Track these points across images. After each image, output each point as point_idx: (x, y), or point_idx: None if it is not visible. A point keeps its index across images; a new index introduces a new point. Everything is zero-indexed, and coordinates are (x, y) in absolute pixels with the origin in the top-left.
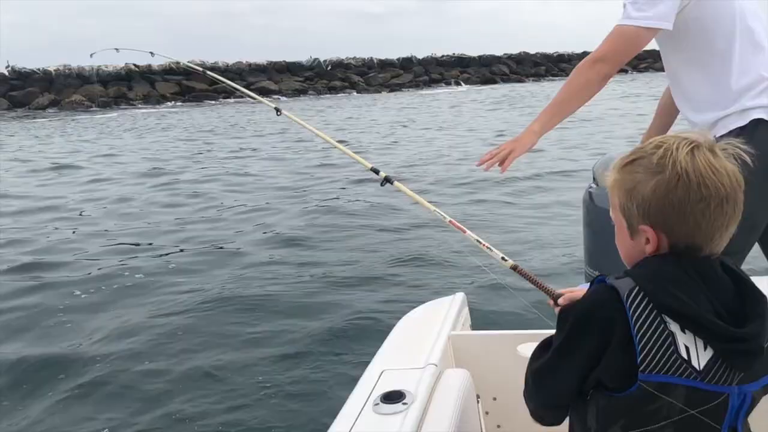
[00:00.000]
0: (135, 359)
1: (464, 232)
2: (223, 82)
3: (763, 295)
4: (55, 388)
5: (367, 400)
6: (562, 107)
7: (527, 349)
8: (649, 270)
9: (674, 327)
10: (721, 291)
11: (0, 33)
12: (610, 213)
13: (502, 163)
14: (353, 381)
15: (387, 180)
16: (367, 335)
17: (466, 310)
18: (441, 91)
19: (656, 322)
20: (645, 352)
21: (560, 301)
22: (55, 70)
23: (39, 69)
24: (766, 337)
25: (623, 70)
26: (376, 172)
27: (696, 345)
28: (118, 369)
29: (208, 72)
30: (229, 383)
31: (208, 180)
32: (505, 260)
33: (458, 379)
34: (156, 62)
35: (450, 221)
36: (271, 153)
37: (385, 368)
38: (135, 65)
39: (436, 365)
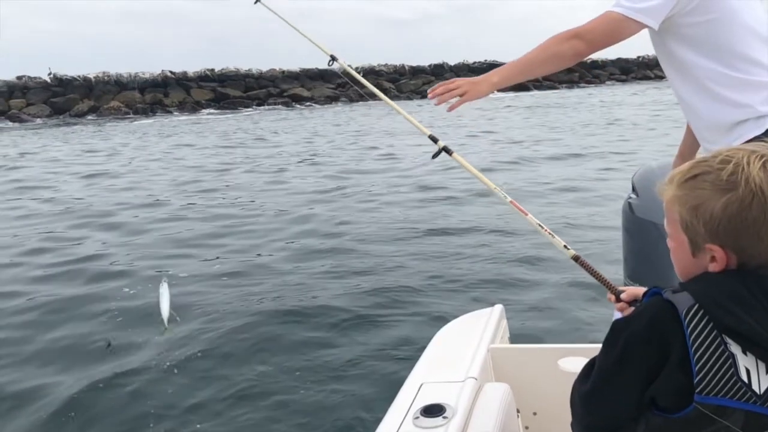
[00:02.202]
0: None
1: (525, 214)
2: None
3: None
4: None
5: (407, 414)
6: (526, 69)
7: (568, 364)
8: (710, 287)
9: (735, 348)
10: None
11: (41, 40)
12: (666, 226)
13: (450, 99)
14: (392, 393)
15: (446, 150)
16: (404, 346)
17: (504, 322)
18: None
19: (716, 342)
20: (703, 373)
21: (623, 296)
22: (94, 77)
23: (79, 76)
24: None
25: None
26: (434, 140)
27: (758, 368)
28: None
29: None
30: (267, 394)
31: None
32: (567, 249)
33: (498, 393)
34: (192, 69)
35: (511, 201)
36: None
37: (425, 381)
38: (171, 72)
39: (475, 379)
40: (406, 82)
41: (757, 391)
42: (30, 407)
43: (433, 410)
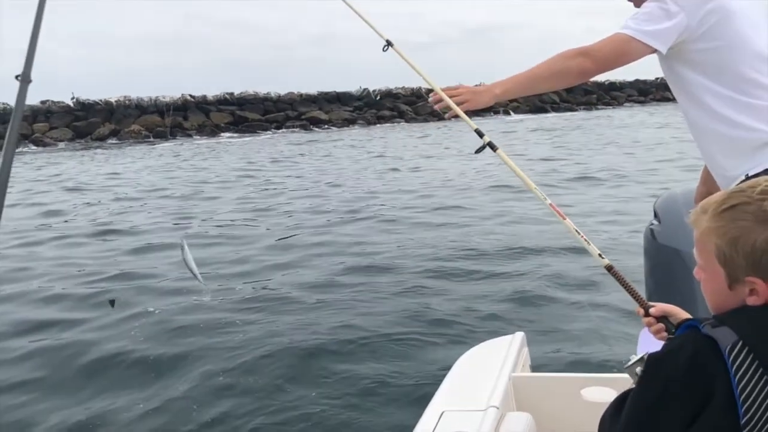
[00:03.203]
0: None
1: (563, 218)
2: None
3: None
4: None
5: None
6: (530, 84)
7: (591, 393)
8: (753, 322)
9: None
10: None
11: (64, 65)
12: (696, 256)
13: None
14: (411, 420)
15: (491, 146)
16: (423, 372)
17: (525, 350)
18: (489, 120)
19: (762, 381)
20: (750, 414)
21: (652, 311)
22: (116, 101)
23: (101, 100)
24: None
25: None
26: (480, 134)
27: None
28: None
29: None
30: (285, 415)
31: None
32: (602, 257)
33: (521, 423)
34: (211, 93)
35: (550, 204)
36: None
37: (446, 409)
38: (191, 95)
39: (497, 408)
40: (423, 105)
41: None
42: None
43: None
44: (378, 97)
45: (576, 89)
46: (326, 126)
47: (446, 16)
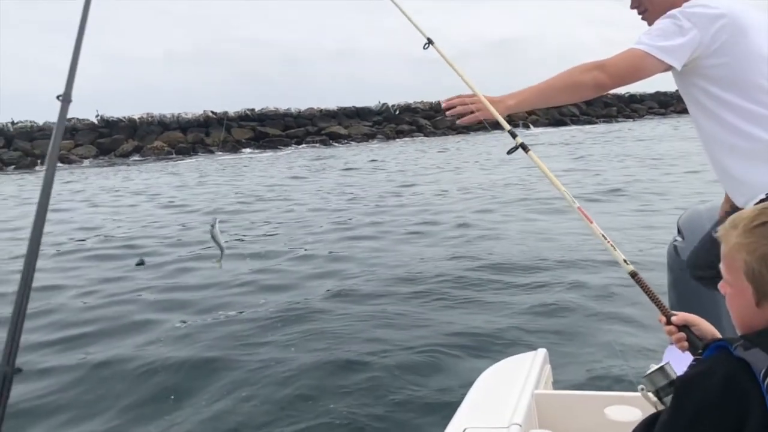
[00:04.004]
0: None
1: (590, 222)
2: None
3: None
4: None
5: None
6: (544, 96)
7: (615, 412)
8: None
9: None
10: None
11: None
12: (723, 271)
13: (463, 113)
14: None
15: (522, 147)
16: (445, 388)
17: (548, 367)
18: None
19: None
20: None
21: (674, 319)
22: (139, 118)
23: (125, 117)
24: None
25: None
26: (513, 135)
27: None
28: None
29: None
30: (308, 429)
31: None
32: (627, 263)
33: None
34: (232, 109)
35: (578, 207)
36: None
37: (468, 426)
38: (212, 112)
39: (520, 425)
40: (442, 119)
41: None
42: None
43: None
44: (397, 112)
45: (596, 102)
46: (345, 141)
47: (468, 30)
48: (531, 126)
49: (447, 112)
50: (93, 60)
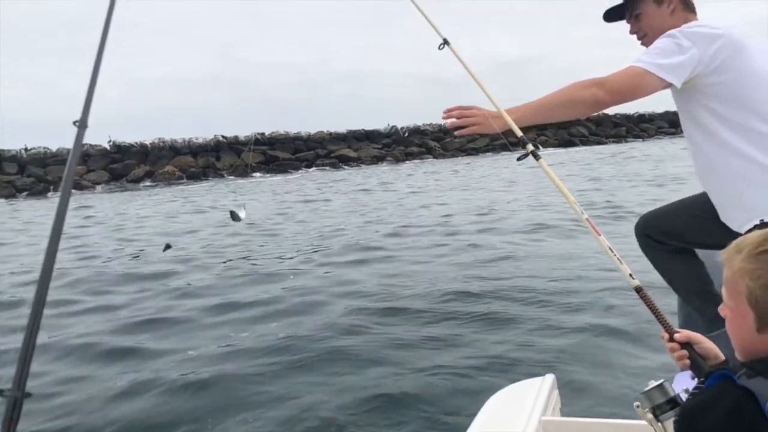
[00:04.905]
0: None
1: (599, 234)
2: None
3: None
4: None
5: None
6: (543, 111)
7: None
8: None
9: None
10: None
11: (102, 108)
12: (724, 295)
13: (461, 125)
14: None
15: (533, 155)
16: (451, 413)
17: (556, 392)
18: (516, 154)
19: None
20: None
21: (677, 337)
22: (150, 143)
23: (136, 142)
24: None
25: None
26: (524, 143)
27: None
28: None
29: None
30: None
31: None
32: (632, 278)
33: None
34: (243, 133)
35: (587, 218)
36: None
37: None
38: (223, 136)
39: None
40: (451, 141)
41: None
42: None
43: None
44: (406, 134)
45: (605, 122)
46: (354, 164)
47: (479, 49)
48: (540, 147)
49: (447, 123)
50: (106, 83)
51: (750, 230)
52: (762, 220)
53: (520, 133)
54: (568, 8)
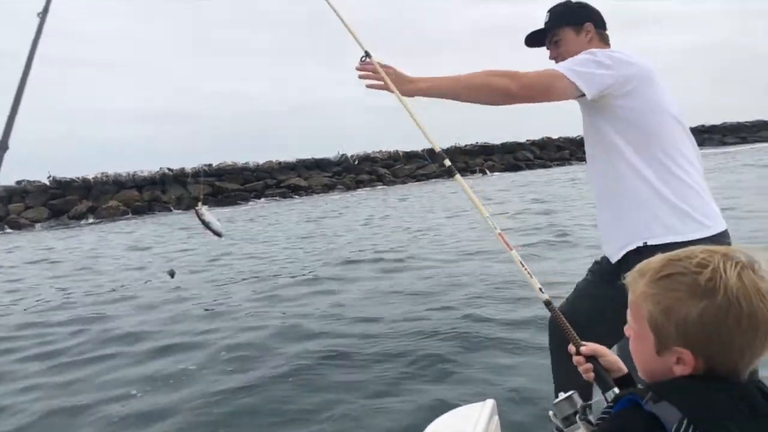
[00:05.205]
0: None
1: (510, 249)
2: None
3: None
4: None
5: None
6: (455, 87)
7: None
8: (694, 398)
9: None
10: (765, 420)
11: (41, 144)
12: (628, 316)
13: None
14: None
15: (450, 171)
16: None
17: (496, 419)
18: (469, 180)
19: None
20: None
21: (582, 350)
22: (93, 178)
23: (78, 177)
24: None
25: None
26: (443, 158)
27: None
28: None
29: None
30: None
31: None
32: (542, 292)
33: None
34: (189, 165)
35: (499, 233)
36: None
37: None
38: (169, 169)
39: None
40: (401, 167)
41: None
42: None
43: None
44: (356, 162)
45: (548, 145)
46: (305, 193)
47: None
48: (488, 171)
49: (359, 75)
50: (46, 119)
51: (631, 251)
52: (645, 243)
53: (438, 148)
54: None
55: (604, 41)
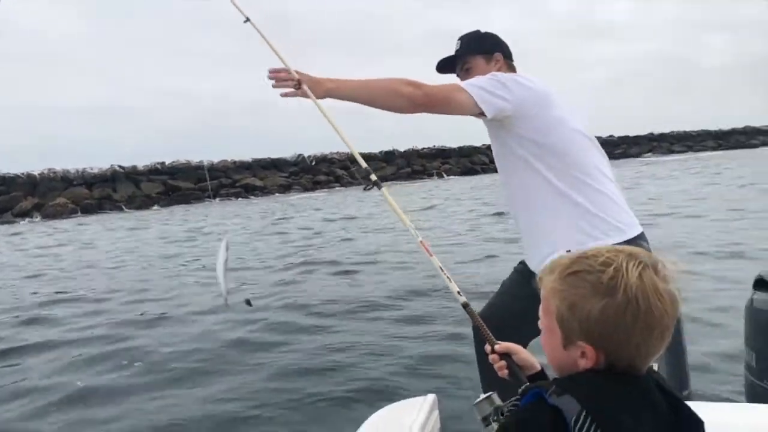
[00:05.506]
0: None
1: (431, 255)
2: None
3: (700, 421)
4: None
5: None
6: (362, 91)
7: None
8: (593, 391)
9: None
10: (660, 413)
11: None
12: (540, 312)
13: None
14: None
15: (375, 184)
16: None
17: (436, 413)
18: (427, 182)
19: None
20: None
21: (497, 348)
22: (39, 174)
23: (23, 173)
24: None
25: None
26: (369, 173)
27: None
28: None
29: None
30: None
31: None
32: (460, 295)
33: None
34: (141, 163)
35: (420, 242)
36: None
37: None
38: (120, 166)
39: None
40: (358, 169)
41: None
42: None
43: None
44: (313, 162)
45: None
46: (260, 193)
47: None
48: (444, 175)
49: (272, 83)
50: None
51: None
52: (568, 251)
53: (364, 165)
54: None
55: (512, 71)
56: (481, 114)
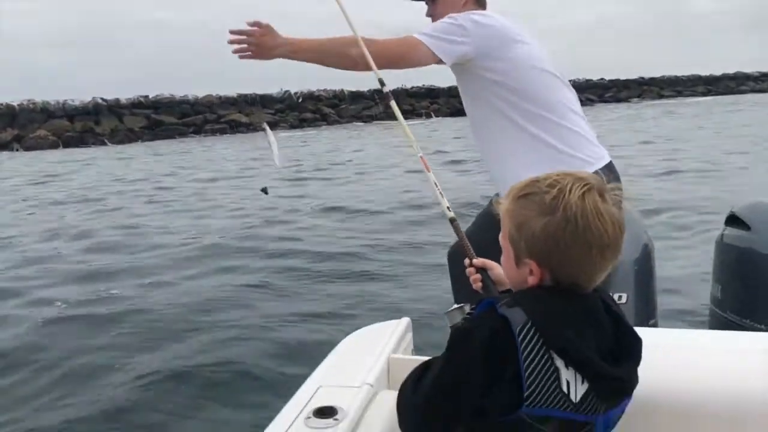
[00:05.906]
0: None
1: (428, 170)
2: None
3: (639, 338)
4: None
5: (299, 414)
6: (318, 52)
7: None
8: (540, 305)
9: (559, 363)
10: (603, 330)
11: None
12: (500, 237)
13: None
14: (290, 396)
15: (385, 95)
16: (309, 353)
17: (409, 335)
18: (415, 122)
19: (544, 358)
20: (532, 388)
21: (474, 262)
22: (18, 105)
23: (2, 104)
24: (636, 378)
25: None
26: (382, 84)
27: (576, 379)
28: None
29: None
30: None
31: None
32: (449, 210)
33: (392, 400)
34: (124, 95)
35: (420, 156)
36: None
37: (322, 384)
38: (102, 99)
39: (371, 385)
40: (346, 107)
41: (574, 400)
42: None
43: (326, 412)
44: (300, 99)
45: None
46: (246, 130)
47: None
48: (433, 115)
49: (231, 48)
50: None
51: None
52: None
53: (380, 75)
54: None
55: (480, 4)
56: (441, 62)
